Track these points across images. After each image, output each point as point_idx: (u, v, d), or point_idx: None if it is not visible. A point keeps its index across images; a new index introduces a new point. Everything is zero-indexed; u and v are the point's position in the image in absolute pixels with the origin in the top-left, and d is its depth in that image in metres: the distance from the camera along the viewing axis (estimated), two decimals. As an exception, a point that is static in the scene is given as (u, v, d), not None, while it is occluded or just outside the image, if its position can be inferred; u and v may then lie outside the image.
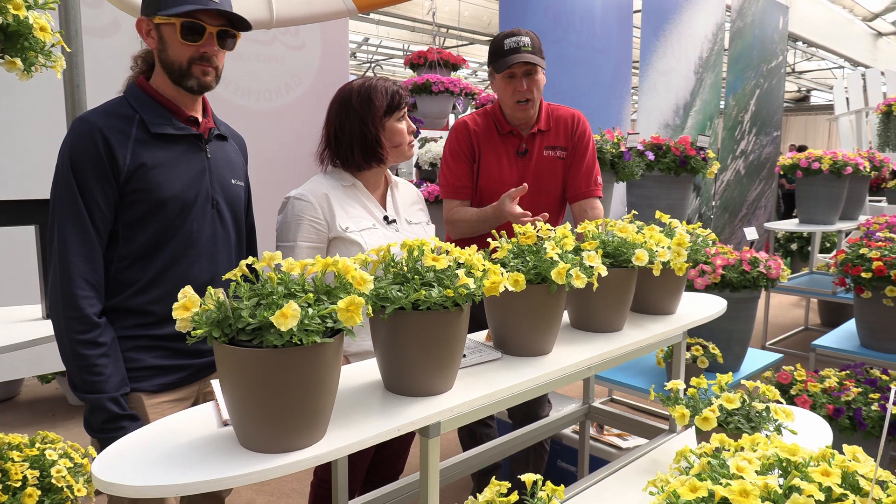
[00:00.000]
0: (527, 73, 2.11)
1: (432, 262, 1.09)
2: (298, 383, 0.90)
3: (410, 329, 1.10)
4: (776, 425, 1.44)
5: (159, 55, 1.42)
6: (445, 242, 1.19)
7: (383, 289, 1.08)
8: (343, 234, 1.69)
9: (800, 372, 2.66)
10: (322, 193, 1.72)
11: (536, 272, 1.32)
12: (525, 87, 2.10)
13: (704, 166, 3.15)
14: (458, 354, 1.18)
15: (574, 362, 1.36)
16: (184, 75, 1.42)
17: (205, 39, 1.41)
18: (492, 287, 1.11)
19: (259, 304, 0.91)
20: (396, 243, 1.18)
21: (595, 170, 2.25)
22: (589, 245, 1.47)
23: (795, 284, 4.69)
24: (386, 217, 1.80)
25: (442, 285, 1.10)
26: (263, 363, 0.88)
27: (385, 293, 1.08)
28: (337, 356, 0.96)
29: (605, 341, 1.50)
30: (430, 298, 1.07)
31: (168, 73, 1.43)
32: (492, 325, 1.42)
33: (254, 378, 0.89)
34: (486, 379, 1.25)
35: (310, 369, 0.91)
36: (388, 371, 1.17)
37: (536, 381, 1.28)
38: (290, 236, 1.69)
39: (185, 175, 1.43)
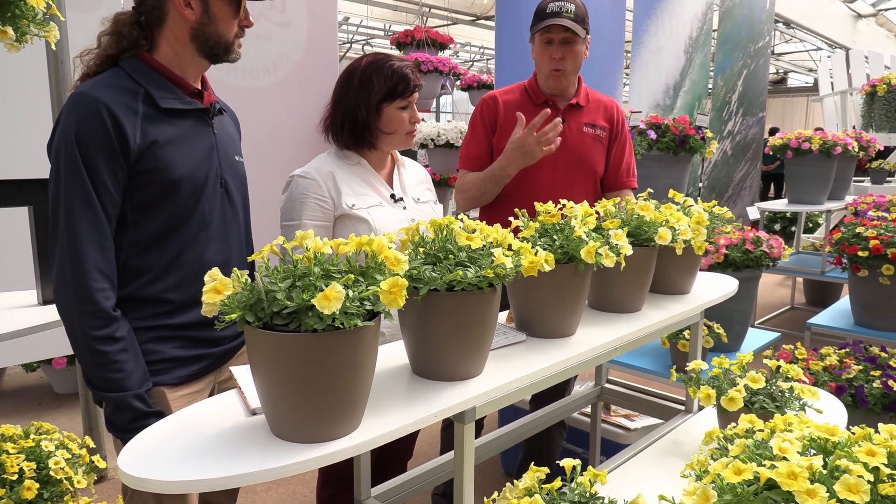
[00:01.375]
0: (565, 41, 2.02)
1: (467, 240, 1.04)
2: (338, 369, 0.85)
3: (443, 311, 1.05)
4: (801, 404, 1.42)
5: (198, 29, 1.33)
6: (475, 221, 1.15)
7: (416, 269, 1.03)
8: (350, 212, 1.63)
9: (800, 350, 2.67)
10: (327, 171, 1.66)
11: (563, 251, 1.28)
12: (560, 55, 2.02)
13: (703, 145, 3.13)
14: (490, 337, 1.13)
15: (600, 343, 1.33)
16: (228, 49, 1.38)
17: (244, 11, 1.38)
18: (530, 267, 1.07)
19: (294, 286, 0.86)
20: (424, 222, 1.12)
21: (632, 161, 2.21)
22: (611, 224, 1.43)
23: (782, 264, 4.72)
24: (393, 195, 1.74)
25: (477, 265, 1.06)
26: (303, 349, 0.83)
27: (419, 274, 1.03)
28: (375, 340, 0.91)
29: (628, 322, 1.47)
30: (466, 279, 1.02)
31: (207, 47, 1.35)
32: (515, 306, 1.38)
33: (291, 365, 0.84)
34: (514, 362, 1.21)
35: (351, 354, 0.86)
36: (418, 355, 1.12)
37: (565, 364, 1.24)
38: (296, 215, 1.63)
39: (195, 153, 1.36)
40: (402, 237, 1.11)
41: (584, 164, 2.12)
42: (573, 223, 1.30)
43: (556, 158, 2.04)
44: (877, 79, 5.92)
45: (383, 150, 1.74)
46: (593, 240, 1.30)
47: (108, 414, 1.23)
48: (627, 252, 1.34)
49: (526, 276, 1.08)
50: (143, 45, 1.34)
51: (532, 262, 1.07)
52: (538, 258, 1.08)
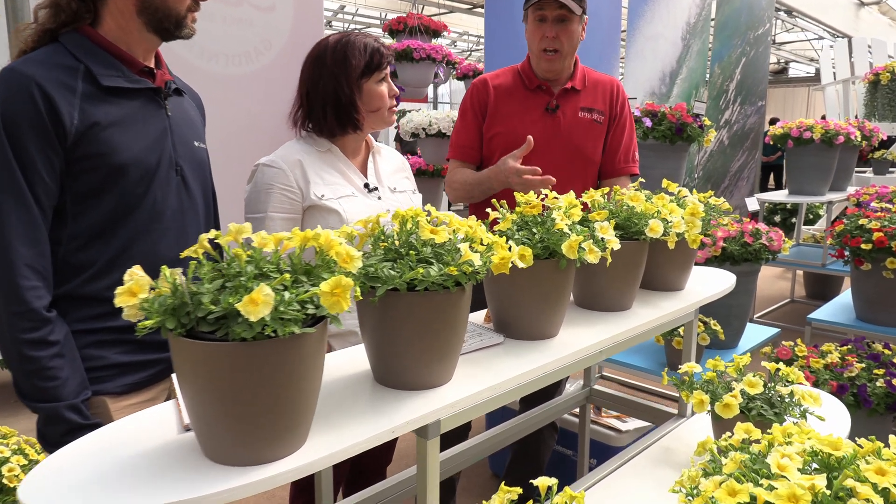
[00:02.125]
0: (559, 18, 1.87)
1: (430, 234, 0.93)
2: (273, 383, 0.74)
3: (405, 313, 0.94)
4: (801, 411, 1.32)
5: (145, 1, 1.22)
6: (443, 212, 1.03)
7: (373, 266, 0.92)
8: (319, 203, 1.52)
9: (800, 347, 2.56)
10: (295, 160, 1.54)
11: (544, 246, 1.17)
12: (553, 33, 1.87)
13: (701, 134, 3.01)
14: (459, 341, 1.02)
15: (584, 346, 1.22)
16: (180, 24, 1.27)
17: None
18: (500, 264, 0.96)
19: (224, 288, 0.75)
20: (386, 213, 1.01)
21: (633, 145, 2.07)
22: (598, 215, 1.31)
23: (782, 256, 4.61)
24: (367, 185, 1.63)
25: (442, 262, 0.95)
26: (230, 360, 0.72)
27: (375, 272, 0.92)
28: (320, 348, 0.80)
29: (615, 322, 1.36)
30: (428, 277, 0.91)
31: (155, 20, 1.24)
32: (492, 305, 1.27)
33: (219, 378, 0.73)
34: (488, 367, 1.10)
35: (287, 366, 0.75)
36: (379, 361, 1.01)
37: (544, 370, 1.13)
38: (261, 207, 1.52)
39: (144, 136, 1.24)
40: (361, 230, 1.00)
41: (580, 154, 1.99)
42: (555, 215, 1.19)
43: (549, 149, 1.92)
44: (880, 67, 5.80)
45: (365, 132, 1.63)
46: (577, 233, 1.19)
47: (40, 426, 1.12)
48: (614, 246, 1.23)
49: (497, 273, 0.97)
50: (85, 19, 1.22)
51: (503, 259, 0.96)
52: (510, 254, 0.97)
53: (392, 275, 0.91)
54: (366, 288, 0.93)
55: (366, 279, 0.91)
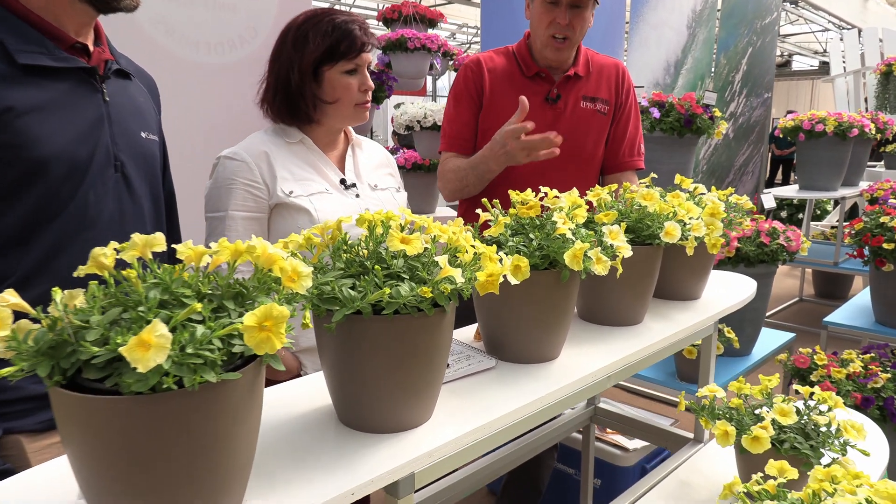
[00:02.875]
0: (573, 4, 1.67)
1: (400, 244, 0.75)
2: (183, 448, 0.56)
3: (370, 343, 0.76)
4: (842, 444, 1.13)
5: None
6: (421, 216, 0.85)
7: (329, 285, 0.74)
8: (287, 200, 1.33)
9: (820, 356, 2.38)
10: (260, 152, 1.36)
11: (543, 255, 0.99)
12: (566, 20, 1.67)
13: (711, 126, 2.82)
14: (439, 374, 0.84)
15: (590, 371, 1.03)
16: None
17: None
18: (488, 282, 0.77)
19: (118, 322, 0.56)
20: (350, 218, 0.83)
21: (639, 136, 1.86)
22: (605, 217, 1.13)
23: (793, 254, 4.43)
24: (343, 181, 1.44)
25: (416, 279, 0.76)
26: (120, 419, 0.53)
27: (332, 292, 0.73)
28: (251, 396, 0.62)
29: (626, 339, 1.18)
30: (397, 299, 0.72)
31: None
32: (483, 322, 1.09)
33: (108, 441, 0.55)
34: (476, 400, 0.92)
35: (202, 424, 0.56)
36: (341, 399, 0.83)
37: (543, 402, 0.95)
38: (221, 205, 1.33)
39: (72, 125, 1.06)
40: (318, 238, 0.81)
41: (581, 149, 1.79)
42: (555, 217, 1.01)
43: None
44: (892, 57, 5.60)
45: (328, 126, 1.43)
46: (581, 239, 1.01)
47: None
48: (626, 254, 1.05)
49: (483, 293, 0.78)
50: None
51: (491, 276, 0.77)
52: (500, 268, 0.79)
53: (352, 295, 0.72)
54: (321, 311, 0.75)
55: (320, 301, 0.73)
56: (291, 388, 0.96)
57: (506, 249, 0.98)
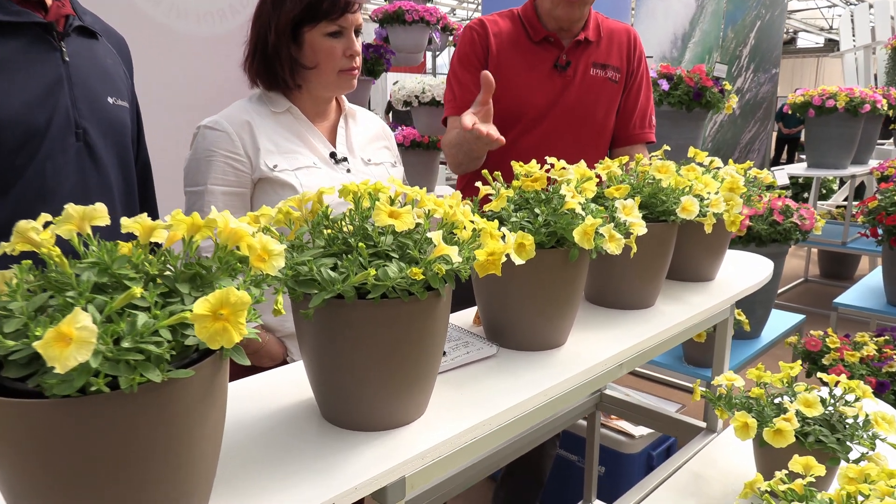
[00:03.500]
0: None
1: (389, 219, 0.65)
2: (123, 461, 0.47)
3: (354, 330, 0.67)
4: (870, 437, 1.05)
5: None
6: (414, 188, 0.75)
7: (307, 265, 0.64)
8: (271, 175, 1.23)
9: (832, 338, 2.29)
10: (243, 121, 1.26)
11: (550, 231, 0.89)
12: None
13: (721, 100, 2.70)
14: (433, 366, 0.75)
15: (601, 360, 0.94)
16: None
17: None
18: (489, 262, 0.68)
19: (42, 310, 0.47)
20: (332, 189, 0.73)
21: (650, 107, 1.73)
22: (617, 191, 1.03)
23: (800, 234, 4.33)
24: (334, 154, 1.34)
25: (406, 258, 0.67)
26: (43, 426, 0.44)
27: (310, 273, 0.64)
28: (210, 395, 0.53)
29: (637, 324, 1.09)
30: (384, 281, 0.63)
31: None
32: (483, 306, 1.00)
33: (31, 450, 0.45)
34: (475, 392, 0.83)
35: (145, 433, 0.47)
36: (324, 393, 0.74)
37: (549, 394, 0.86)
38: (200, 178, 1.23)
39: (26, 87, 0.96)
40: (296, 212, 0.71)
41: (591, 119, 1.66)
42: (563, 190, 0.91)
43: (554, 113, 1.60)
44: (904, 32, 5.44)
45: (314, 94, 1.33)
46: (592, 214, 0.91)
47: None
48: (640, 231, 0.95)
49: (483, 274, 0.69)
50: None
51: (493, 255, 0.68)
52: (503, 246, 0.69)
53: (332, 277, 0.63)
54: (298, 296, 0.65)
55: (295, 283, 0.63)
56: (271, 379, 0.87)
57: (508, 226, 0.88)
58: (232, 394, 0.77)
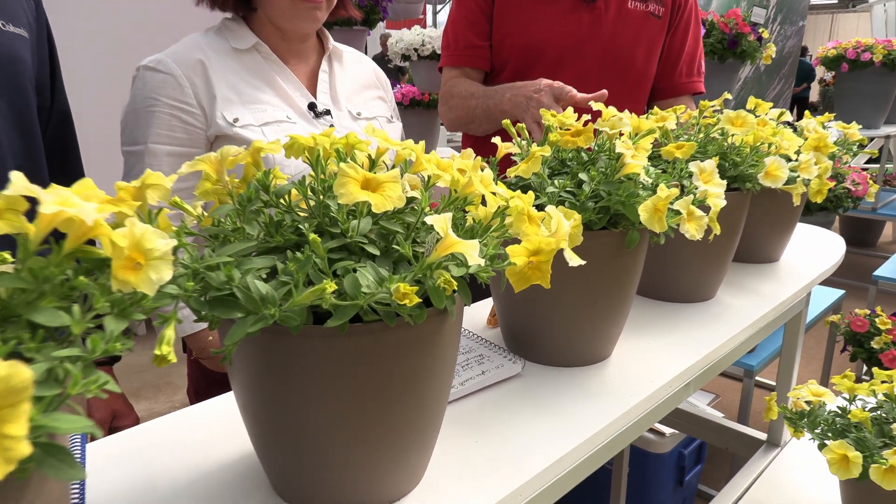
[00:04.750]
0: None
1: (361, 192, 0.39)
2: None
3: (310, 373, 0.41)
4: None
5: None
6: (406, 142, 0.49)
7: (223, 271, 0.38)
8: (230, 131, 0.97)
9: (882, 319, 2.05)
10: (194, 61, 0.98)
11: (601, 207, 0.63)
12: None
13: (758, 50, 2.41)
14: (435, 416, 0.50)
15: (665, 382, 0.69)
16: None
17: None
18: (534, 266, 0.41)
19: None
20: (277, 143, 0.47)
21: (700, 50, 1.42)
22: (678, 149, 0.76)
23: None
24: (313, 106, 1.07)
25: (390, 256, 0.41)
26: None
27: (227, 284, 0.38)
28: None
29: (700, 324, 0.84)
30: (352, 298, 0.37)
31: None
32: (503, 306, 0.74)
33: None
34: (495, 438, 0.58)
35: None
36: (271, 460, 0.49)
37: (599, 439, 0.61)
38: (139, 135, 0.97)
39: None
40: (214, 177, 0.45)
41: (628, 64, 1.34)
42: (619, 147, 0.64)
43: (581, 56, 1.29)
44: (940, -20, 5.07)
45: (277, 24, 1.04)
46: (658, 180, 0.65)
47: None
48: (719, 205, 0.69)
49: (522, 287, 0.42)
50: None
51: (538, 253, 0.41)
52: (551, 239, 0.42)
53: (264, 294, 0.37)
54: (212, 322, 0.39)
55: (199, 304, 0.38)
56: (206, 415, 0.62)
57: (543, 198, 0.62)
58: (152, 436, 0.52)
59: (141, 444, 0.57)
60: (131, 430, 0.59)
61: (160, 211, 0.40)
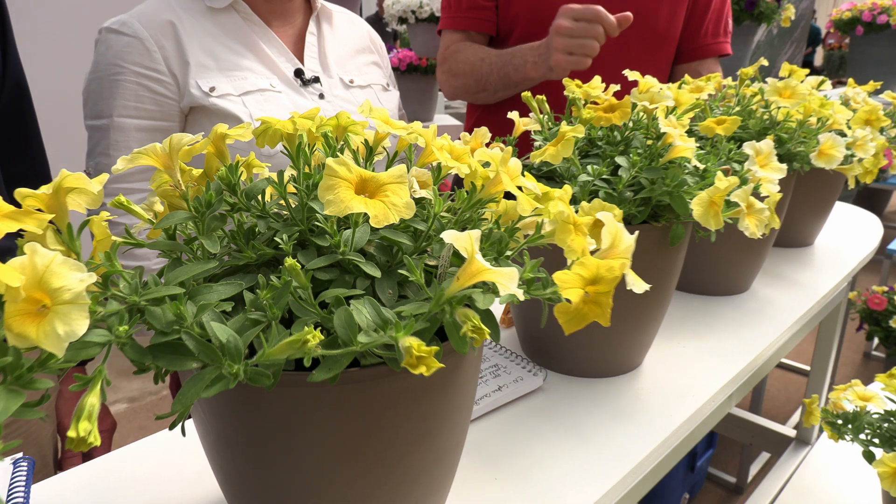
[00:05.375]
0: None
1: (355, 200, 0.29)
2: None
3: (294, 432, 0.32)
4: None
5: None
6: (412, 126, 0.39)
7: (172, 308, 0.28)
8: (206, 102, 0.86)
9: (902, 296, 1.97)
10: (163, 22, 0.86)
11: (642, 198, 0.53)
12: None
13: (776, 11, 2.27)
14: (454, 464, 0.40)
15: (709, 396, 0.60)
16: None
17: None
18: (593, 300, 0.31)
19: None
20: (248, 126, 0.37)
21: (727, 8, 1.27)
22: (719, 125, 0.65)
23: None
24: (300, 73, 0.95)
25: (392, 274, 0.31)
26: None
27: (173, 328, 0.28)
28: None
29: (738, 322, 0.75)
30: (345, 345, 0.27)
31: None
32: (522, 311, 0.64)
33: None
34: (514, 471, 0.49)
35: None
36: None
37: (641, 470, 0.52)
38: (104, 107, 0.86)
39: None
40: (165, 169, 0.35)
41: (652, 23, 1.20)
42: (662, 125, 0.54)
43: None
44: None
45: None
46: (707, 164, 0.55)
47: None
48: (775, 195, 0.59)
49: (574, 330, 0.33)
50: None
51: (597, 282, 0.31)
52: (618, 263, 0.32)
53: (225, 342, 0.27)
54: (158, 372, 0.29)
55: (136, 353, 0.28)
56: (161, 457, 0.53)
57: (574, 187, 0.52)
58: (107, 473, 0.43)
59: (99, 478, 0.48)
60: (88, 466, 0.50)
61: (86, 223, 0.30)
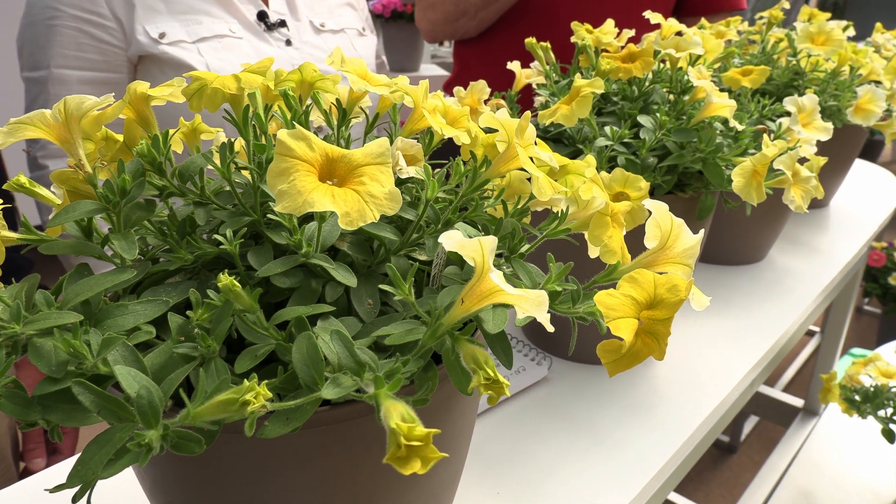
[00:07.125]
0: None
1: (322, 191, 0.20)
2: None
3: (271, 478, 0.24)
4: None
5: None
6: (398, 80, 0.30)
7: (66, 344, 0.20)
8: (156, 50, 0.76)
9: (901, 252, 1.92)
10: (104, -43, 0.76)
11: (669, 167, 0.45)
12: None
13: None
14: (453, 491, 0.33)
15: (732, 387, 0.54)
16: None
17: None
18: (649, 333, 0.24)
19: None
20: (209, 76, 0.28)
21: None
22: (744, 75, 0.57)
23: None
24: (264, 15, 0.85)
25: (373, 277, 0.23)
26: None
27: (64, 377, 0.20)
28: None
29: (757, 296, 0.68)
30: (310, 384, 0.20)
31: None
32: (521, 288, 0.57)
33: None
34: (519, 481, 0.43)
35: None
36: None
37: (662, 476, 0.46)
38: (41, 57, 0.76)
39: None
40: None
41: None
42: (693, 77, 0.45)
43: None
44: None
45: None
46: (742, 123, 0.47)
47: None
48: (820, 161, 0.51)
49: (620, 371, 0.25)
50: None
51: (658, 310, 0.23)
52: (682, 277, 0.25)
53: (136, 399, 0.19)
54: (52, 429, 0.22)
55: (16, 407, 0.20)
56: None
57: (588, 152, 0.43)
58: None
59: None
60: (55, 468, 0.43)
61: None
